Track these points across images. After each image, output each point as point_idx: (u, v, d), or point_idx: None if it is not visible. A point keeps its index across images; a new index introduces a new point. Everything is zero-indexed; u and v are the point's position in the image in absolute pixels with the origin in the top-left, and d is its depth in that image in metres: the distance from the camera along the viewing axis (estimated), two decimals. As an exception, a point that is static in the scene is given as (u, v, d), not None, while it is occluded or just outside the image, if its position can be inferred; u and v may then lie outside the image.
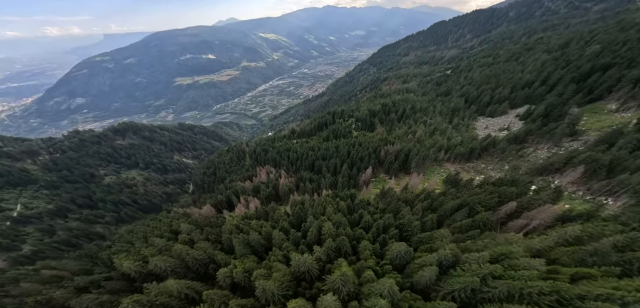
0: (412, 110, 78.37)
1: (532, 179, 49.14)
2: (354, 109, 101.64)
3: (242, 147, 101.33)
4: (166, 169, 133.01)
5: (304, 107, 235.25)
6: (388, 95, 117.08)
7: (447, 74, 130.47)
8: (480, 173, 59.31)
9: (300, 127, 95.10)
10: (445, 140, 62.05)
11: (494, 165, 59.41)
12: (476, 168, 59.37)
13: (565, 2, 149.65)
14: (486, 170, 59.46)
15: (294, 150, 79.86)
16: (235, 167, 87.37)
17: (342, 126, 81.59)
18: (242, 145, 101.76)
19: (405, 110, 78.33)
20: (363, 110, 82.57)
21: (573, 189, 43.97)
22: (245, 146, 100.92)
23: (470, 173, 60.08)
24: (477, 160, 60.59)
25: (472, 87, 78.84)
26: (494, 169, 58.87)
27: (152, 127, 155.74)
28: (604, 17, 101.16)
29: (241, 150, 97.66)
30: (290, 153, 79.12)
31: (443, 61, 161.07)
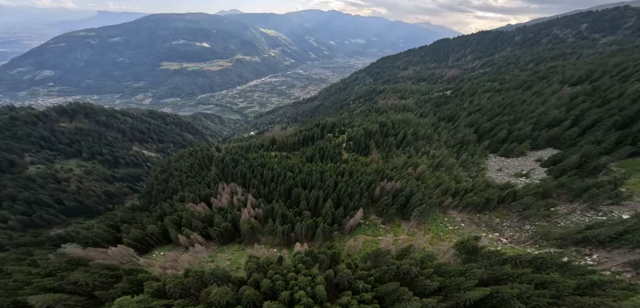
0: (414, 136, 64.34)
1: (564, 251, 35.97)
2: (347, 122, 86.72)
3: (211, 151, 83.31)
4: (118, 162, 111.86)
5: (292, 110, 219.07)
6: (384, 112, 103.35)
7: (446, 95, 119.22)
8: (494, 230, 45.63)
9: (282, 138, 78.81)
10: (452, 182, 48.14)
11: (512, 221, 45.88)
12: (489, 223, 45.53)
13: (574, 32, 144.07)
14: (502, 227, 45.77)
15: (270, 166, 63.48)
16: (195, 178, 69.18)
17: (330, 145, 66.10)
18: (210, 149, 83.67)
19: (406, 136, 64.08)
20: (357, 129, 67.60)
21: (619, 271, 31.26)
22: (215, 151, 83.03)
23: (481, 227, 46.28)
24: (491, 212, 46.90)
25: (484, 117, 66.15)
26: (512, 227, 45.26)
27: (111, 110, 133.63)
28: (622, 49, 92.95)
29: (207, 156, 79.52)
30: (264, 170, 62.62)
31: (442, 80, 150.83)
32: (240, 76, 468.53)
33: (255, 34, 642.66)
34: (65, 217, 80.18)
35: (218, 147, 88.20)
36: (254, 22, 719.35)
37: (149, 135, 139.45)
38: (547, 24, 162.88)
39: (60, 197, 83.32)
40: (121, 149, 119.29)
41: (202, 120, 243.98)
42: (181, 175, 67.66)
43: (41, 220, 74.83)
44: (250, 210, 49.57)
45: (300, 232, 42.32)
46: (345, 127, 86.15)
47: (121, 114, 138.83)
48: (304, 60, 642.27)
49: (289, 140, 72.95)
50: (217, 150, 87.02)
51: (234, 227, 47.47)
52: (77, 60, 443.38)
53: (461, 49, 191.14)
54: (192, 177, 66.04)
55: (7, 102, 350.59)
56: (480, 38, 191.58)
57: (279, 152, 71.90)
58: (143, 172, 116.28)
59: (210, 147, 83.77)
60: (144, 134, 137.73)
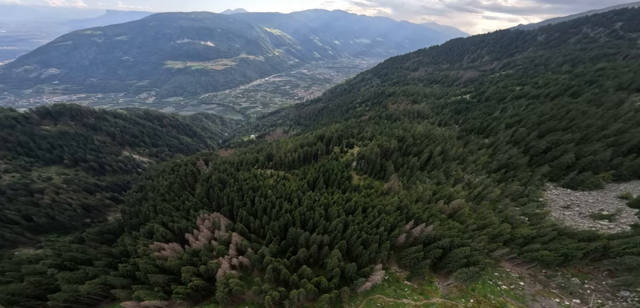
0: (442, 155, 50.90)
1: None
2: (355, 133, 73.48)
3: (198, 164, 71.18)
4: (103, 169, 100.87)
5: (295, 111, 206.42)
6: (397, 119, 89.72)
7: (467, 100, 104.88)
8: (572, 294, 32.11)
9: (280, 154, 66.04)
10: (505, 225, 34.86)
11: (599, 283, 32.39)
12: (568, 287, 31.98)
13: (607, 31, 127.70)
14: (583, 290, 32.32)
15: (263, 192, 51.02)
16: (173, 203, 57.07)
17: (337, 166, 53.10)
18: (197, 162, 71.50)
19: (432, 155, 50.68)
20: (371, 146, 54.34)
21: None
22: (203, 164, 70.84)
23: (551, 289, 32.90)
24: (565, 268, 33.33)
25: (531, 132, 51.98)
26: (601, 292, 31.85)
27: (100, 112, 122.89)
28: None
29: (192, 172, 67.27)
30: (256, 196, 50.21)
31: (459, 83, 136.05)
32: (244, 75, 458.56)
33: (260, 33, 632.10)
34: (33, 236, 69.20)
35: (207, 158, 76.07)
36: (259, 21, 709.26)
37: (141, 139, 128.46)
38: (575, 23, 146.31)
39: (30, 212, 72.27)
40: (109, 154, 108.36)
41: (202, 121, 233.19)
42: (156, 198, 55.40)
43: (3, 240, 63.82)
44: (233, 256, 37.07)
45: (297, 300, 29.56)
46: (354, 138, 72.94)
47: (112, 115, 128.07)
48: (308, 60, 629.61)
49: (287, 157, 60.15)
50: (205, 162, 74.89)
51: (209, 279, 35.05)
52: (83, 58, 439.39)
53: (476, 49, 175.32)
54: (169, 202, 53.78)
55: (10, 99, 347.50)
56: (497, 38, 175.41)
57: (276, 171, 59.14)
58: (132, 180, 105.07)
59: (197, 160, 71.52)
60: (136, 137, 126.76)
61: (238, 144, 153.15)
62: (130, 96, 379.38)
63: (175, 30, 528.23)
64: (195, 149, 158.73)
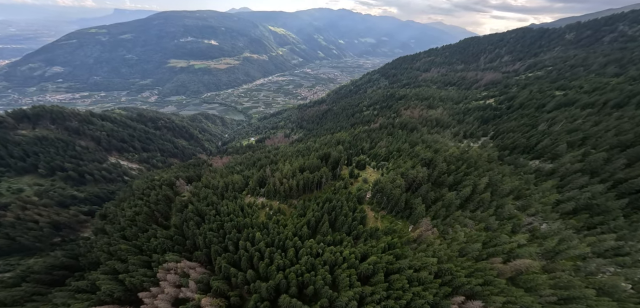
0: (491, 189, 37.52)
1: None
2: (366, 147, 60.35)
3: (177, 185, 59.02)
4: (84, 179, 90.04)
5: (297, 113, 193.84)
6: (414, 129, 76.00)
7: (493, 106, 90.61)
8: None
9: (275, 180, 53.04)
10: (604, 298, 21.83)
11: None
12: None
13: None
14: None
15: (250, 234, 38.51)
16: (136, 240, 44.86)
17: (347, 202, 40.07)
18: (176, 182, 59.35)
19: (475, 188, 37.40)
20: (392, 176, 40.94)
21: None
22: (184, 185, 58.70)
23: None
24: None
25: (611, 156, 38.06)
26: None
27: (86, 115, 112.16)
28: None
29: (167, 197, 54.98)
30: (242, 238, 37.77)
31: (478, 85, 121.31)
32: (247, 74, 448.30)
33: (264, 32, 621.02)
34: (-15, 263, 58.03)
35: (191, 176, 63.90)
36: (263, 20, 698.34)
37: (131, 143, 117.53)
38: (609, 20, 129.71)
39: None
40: (91, 162, 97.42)
41: (202, 121, 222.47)
42: (114, 233, 43.25)
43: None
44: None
45: None
46: (365, 154, 59.75)
47: (100, 118, 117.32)
48: (312, 59, 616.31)
49: (283, 185, 47.38)
50: (188, 180, 62.77)
51: None
52: (87, 57, 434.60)
53: (494, 48, 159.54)
54: (129, 240, 41.61)
55: (14, 97, 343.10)
56: (518, 36, 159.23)
57: (269, 201, 46.51)
58: (117, 189, 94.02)
59: (176, 180, 59.22)
60: (125, 142, 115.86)
61: (235, 150, 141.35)
62: (132, 95, 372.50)
63: (179, 29, 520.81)
64: (191, 153, 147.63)
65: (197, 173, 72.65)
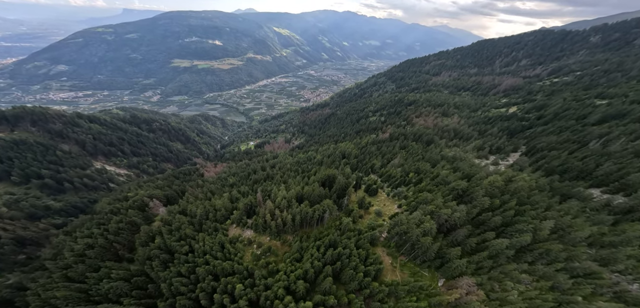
0: (556, 233, 26.79)
1: None
2: (377, 166, 49.84)
3: (151, 205, 49.08)
4: (62, 187, 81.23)
5: (299, 116, 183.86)
6: (430, 142, 65.10)
7: (518, 115, 79.22)
8: None
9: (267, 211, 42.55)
10: None
11: None
12: None
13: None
14: None
15: (229, 285, 28.46)
16: (84, 283, 34.95)
17: (358, 243, 29.54)
18: (150, 203, 49.51)
19: (536, 234, 26.63)
20: (420, 216, 29.90)
21: None
22: (160, 207, 48.79)
23: None
24: None
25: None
26: None
27: (71, 116, 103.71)
28: None
29: (133, 224, 45.18)
30: (217, 288, 27.72)
31: (496, 91, 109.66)
32: (250, 75, 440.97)
33: (268, 32, 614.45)
34: None
35: (169, 195, 54.00)
36: (268, 21, 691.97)
37: (120, 147, 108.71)
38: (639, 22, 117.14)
39: None
40: (73, 168, 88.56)
41: (201, 123, 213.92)
42: (55, 272, 33.35)
43: None
44: None
45: None
46: (376, 173, 49.11)
47: (87, 119, 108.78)
48: (316, 61, 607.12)
49: (276, 219, 37.00)
50: (167, 199, 52.87)
51: None
52: (92, 56, 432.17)
53: (511, 51, 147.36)
54: (74, 281, 31.64)
55: (17, 95, 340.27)
56: (536, 39, 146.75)
57: (258, 235, 36.26)
58: (99, 197, 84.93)
59: (150, 201, 49.27)
60: (114, 145, 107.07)
61: (233, 155, 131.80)
62: (135, 94, 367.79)
63: (184, 29, 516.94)
64: (186, 157, 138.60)
65: (181, 189, 62.86)
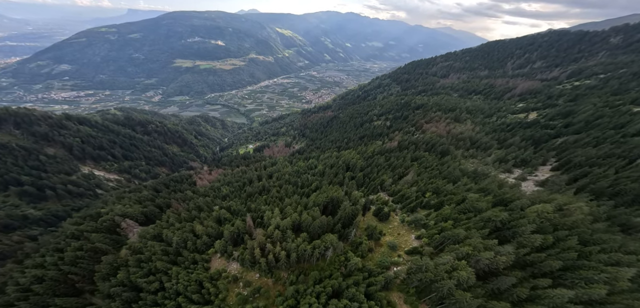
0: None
1: None
2: (389, 182, 42.62)
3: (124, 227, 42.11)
4: (44, 194, 74.97)
5: (301, 119, 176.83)
6: (446, 153, 57.54)
7: (540, 123, 71.31)
8: None
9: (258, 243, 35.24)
10: None
11: None
12: None
13: None
14: None
15: None
16: None
17: (369, 291, 22.05)
18: (122, 222, 42.60)
19: (610, 283, 19.16)
20: (448, 261, 21.72)
21: None
22: (135, 228, 41.79)
23: None
24: None
25: None
26: None
27: (59, 118, 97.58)
28: None
29: (95, 250, 38.17)
30: None
31: (512, 95, 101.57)
32: (252, 76, 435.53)
33: (271, 33, 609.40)
34: None
35: (150, 212, 46.98)
36: (270, 22, 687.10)
37: (110, 151, 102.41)
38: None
39: None
40: (57, 174, 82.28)
41: (200, 124, 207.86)
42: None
43: None
44: None
45: None
46: (386, 191, 41.68)
47: (77, 121, 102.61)
48: (319, 62, 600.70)
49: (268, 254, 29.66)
50: (144, 218, 45.85)
51: None
52: (95, 55, 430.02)
53: (524, 53, 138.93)
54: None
55: (19, 94, 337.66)
56: (551, 40, 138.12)
57: (246, 271, 29.03)
58: (85, 204, 78.47)
59: (122, 220, 42.23)
60: (104, 149, 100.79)
61: (230, 160, 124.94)
62: (137, 94, 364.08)
63: (187, 29, 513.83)
64: (182, 161, 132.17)
65: (167, 202, 55.89)
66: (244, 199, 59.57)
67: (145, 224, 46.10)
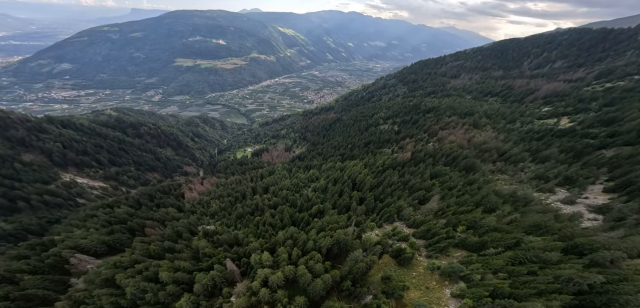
0: None
1: None
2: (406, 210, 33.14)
3: (73, 264, 33.22)
4: (15, 205, 66.85)
5: (302, 121, 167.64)
6: (470, 169, 48.07)
7: (579, 131, 61.33)
8: None
9: (244, 301, 26.34)
10: None
11: None
12: None
13: None
14: None
15: None
16: None
17: None
18: (71, 257, 33.80)
19: None
20: None
21: None
22: (88, 265, 32.98)
23: None
24: None
25: None
26: None
27: (38, 121, 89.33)
28: None
29: (33, 292, 29.39)
30: None
31: (534, 98, 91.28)
32: (254, 75, 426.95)
33: (273, 32, 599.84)
34: None
35: (114, 242, 38.17)
36: (272, 21, 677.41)
37: (95, 156, 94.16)
38: None
39: None
40: (34, 182, 74.13)
41: (199, 125, 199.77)
42: None
43: None
44: None
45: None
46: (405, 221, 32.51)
47: (59, 124, 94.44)
48: (321, 62, 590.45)
49: (261, 300, 20.58)
50: (96, 252, 36.99)
51: None
52: (96, 54, 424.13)
53: (541, 52, 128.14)
54: None
55: (19, 93, 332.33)
56: (572, 39, 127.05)
57: None
58: (63, 216, 70.20)
59: (71, 256, 33.34)
60: (88, 154, 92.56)
61: (226, 166, 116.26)
62: (137, 93, 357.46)
63: (189, 28, 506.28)
64: (175, 166, 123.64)
65: (141, 224, 47.11)
66: (234, 220, 50.74)
67: (108, 255, 37.40)
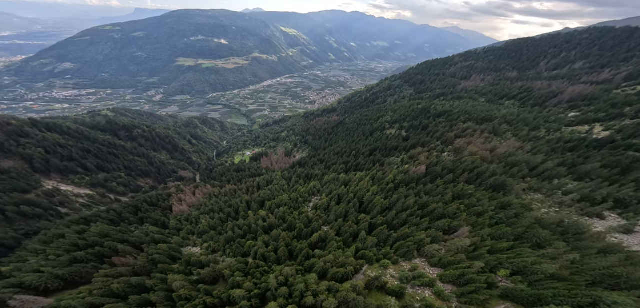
0: None
1: None
2: (430, 249, 25.79)
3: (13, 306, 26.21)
4: (-11, 225, 60.22)
5: (304, 123, 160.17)
6: (499, 187, 40.00)
7: (619, 142, 53.18)
8: None
9: None
10: None
11: None
12: None
13: None
14: None
15: None
16: None
17: None
18: (10, 298, 27.01)
19: None
20: None
21: None
22: (22, 304, 26.18)
23: None
24: None
25: None
26: None
27: (19, 124, 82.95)
28: None
29: None
30: None
31: (558, 102, 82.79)
32: (255, 75, 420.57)
33: (275, 32, 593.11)
34: None
35: (60, 279, 31.20)
36: (275, 20, 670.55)
37: (81, 161, 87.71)
38: None
39: None
40: (10, 192, 67.69)
41: (198, 127, 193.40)
42: None
43: None
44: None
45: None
46: (426, 258, 24.68)
47: (43, 127, 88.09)
48: (323, 62, 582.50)
49: None
50: (48, 290, 29.98)
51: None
52: (98, 54, 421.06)
53: (560, 52, 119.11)
54: None
55: (21, 92, 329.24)
56: (592, 37, 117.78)
57: None
58: (43, 227, 63.59)
59: (10, 298, 26.25)
60: (73, 159, 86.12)
61: (223, 171, 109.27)
62: (138, 93, 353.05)
63: (190, 27, 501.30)
64: (170, 170, 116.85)
65: (113, 247, 40.05)
66: (222, 245, 43.57)
67: (63, 290, 30.47)
